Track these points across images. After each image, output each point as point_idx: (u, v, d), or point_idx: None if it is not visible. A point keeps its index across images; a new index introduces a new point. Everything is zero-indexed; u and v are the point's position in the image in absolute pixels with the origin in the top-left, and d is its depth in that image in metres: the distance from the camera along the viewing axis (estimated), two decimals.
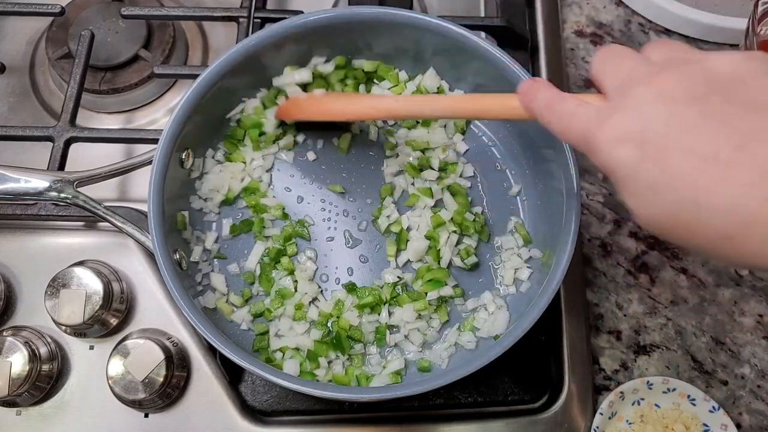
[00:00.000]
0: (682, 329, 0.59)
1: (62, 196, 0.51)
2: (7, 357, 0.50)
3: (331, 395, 0.45)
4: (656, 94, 0.32)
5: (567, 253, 0.47)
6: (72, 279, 0.52)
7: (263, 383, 0.54)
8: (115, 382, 0.50)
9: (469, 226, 0.54)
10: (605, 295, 0.60)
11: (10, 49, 0.69)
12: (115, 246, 0.57)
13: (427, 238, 0.54)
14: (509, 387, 0.55)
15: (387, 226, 0.55)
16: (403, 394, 0.45)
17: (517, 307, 0.53)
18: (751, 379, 0.57)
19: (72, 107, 0.60)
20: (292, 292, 0.53)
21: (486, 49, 0.52)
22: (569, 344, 0.56)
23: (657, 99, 0.31)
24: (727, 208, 0.29)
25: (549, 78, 0.66)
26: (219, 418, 0.53)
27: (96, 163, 0.54)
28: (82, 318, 0.51)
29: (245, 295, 0.53)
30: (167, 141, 0.50)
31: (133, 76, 0.66)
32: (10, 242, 0.56)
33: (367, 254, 0.55)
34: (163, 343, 0.52)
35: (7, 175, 0.50)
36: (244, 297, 0.53)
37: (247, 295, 0.54)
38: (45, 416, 0.53)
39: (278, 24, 0.53)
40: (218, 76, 0.52)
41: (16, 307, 0.55)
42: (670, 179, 0.30)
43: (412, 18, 0.54)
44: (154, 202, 0.48)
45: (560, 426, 0.54)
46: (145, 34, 0.67)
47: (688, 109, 0.30)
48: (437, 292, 0.52)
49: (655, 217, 0.32)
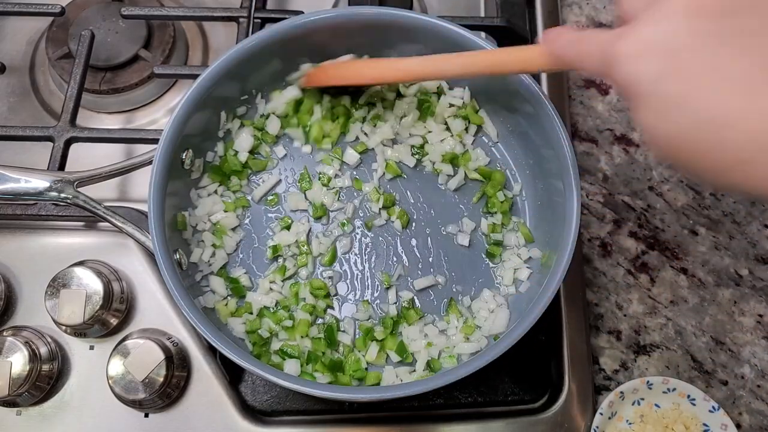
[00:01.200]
0: (682, 329, 0.59)
1: (62, 196, 0.51)
2: (7, 357, 0.50)
3: (331, 395, 0.45)
4: (684, 5, 0.30)
5: (567, 254, 0.47)
6: (72, 279, 0.52)
7: (263, 383, 0.55)
8: (115, 382, 0.50)
9: (496, 204, 0.55)
10: (605, 295, 0.60)
11: (11, 49, 0.70)
12: (115, 246, 0.57)
13: None
14: (509, 387, 0.55)
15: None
16: (403, 394, 0.45)
17: (517, 307, 0.53)
18: (750, 379, 0.57)
19: (72, 107, 0.60)
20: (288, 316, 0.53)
21: (485, 48, 0.52)
22: (569, 344, 0.56)
23: (685, 11, 0.29)
24: (751, 130, 0.27)
25: (548, 77, 0.66)
26: (219, 417, 0.53)
27: (96, 163, 0.55)
28: (82, 318, 0.51)
29: (240, 312, 0.53)
30: (168, 141, 0.50)
31: (133, 76, 0.66)
32: (10, 242, 0.57)
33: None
34: (163, 343, 0.52)
35: (7, 175, 0.50)
36: (240, 314, 0.53)
37: (243, 312, 0.53)
38: (45, 416, 0.53)
39: (279, 24, 0.53)
40: (219, 75, 0.52)
41: (16, 307, 0.55)
42: (693, 96, 0.29)
43: (413, 18, 0.54)
44: (154, 203, 0.48)
45: (560, 426, 0.54)
46: (145, 34, 0.67)
47: (719, 24, 0.29)
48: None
49: (669, 136, 0.30)
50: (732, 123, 0.28)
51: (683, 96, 0.29)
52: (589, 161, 0.65)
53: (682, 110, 0.29)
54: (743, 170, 0.29)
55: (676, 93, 0.29)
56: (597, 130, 0.66)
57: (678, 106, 0.29)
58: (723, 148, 0.29)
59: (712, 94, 0.28)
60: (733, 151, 0.28)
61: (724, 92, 0.28)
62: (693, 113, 0.29)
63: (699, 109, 0.29)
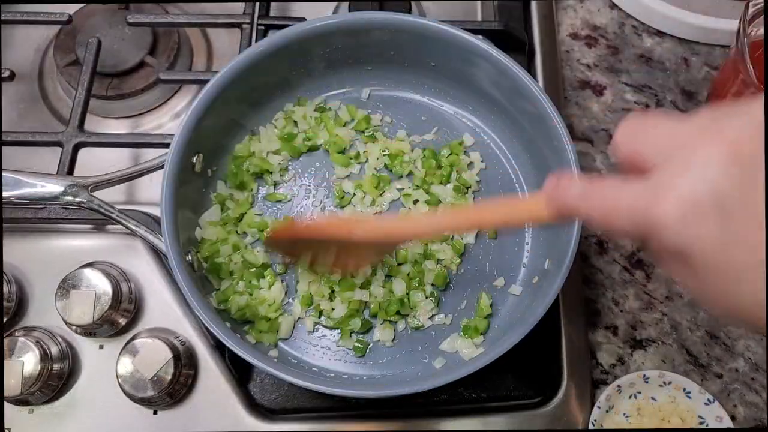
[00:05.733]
0: (677, 324, 0.60)
1: (77, 200, 0.52)
2: (19, 357, 0.51)
3: (341, 392, 0.46)
4: (728, 152, 0.25)
5: (569, 256, 0.48)
6: (82, 280, 0.53)
7: (272, 381, 0.55)
8: (124, 380, 0.51)
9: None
10: (602, 292, 0.61)
11: (20, 56, 0.71)
12: (124, 248, 0.58)
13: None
14: (511, 383, 0.56)
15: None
16: (410, 391, 0.46)
17: (518, 308, 0.55)
18: (745, 372, 0.58)
19: (80, 113, 0.61)
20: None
21: (489, 52, 0.53)
22: (567, 340, 0.57)
23: (731, 159, 0.25)
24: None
25: (545, 80, 0.67)
26: (227, 414, 0.54)
27: (102, 166, 0.56)
28: (91, 318, 0.52)
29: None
30: (179, 145, 0.51)
31: (139, 82, 0.68)
32: (21, 245, 0.58)
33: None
34: (171, 341, 0.53)
35: (23, 180, 0.51)
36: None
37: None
38: (56, 414, 0.54)
39: (284, 31, 0.55)
40: (230, 80, 0.53)
41: (27, 308, 0.56)
42: (761, 265, 0.25)
43: (416, 23, 0.55)
44: (167, 206, 0.49)
45: (559, 420, 0.55)
46: (151, 40, 0.68)
47: (758, 173, 0.24)
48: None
49: (745, 306, 0.26)
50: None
51: (753, 264, 0.25)
52: (585, 161, 0.66)
53: (752, 280, 0.25)
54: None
55: (745, 260, 0.25)
56: (592, 131, 0.68)
57: (748, 275, 0.25)
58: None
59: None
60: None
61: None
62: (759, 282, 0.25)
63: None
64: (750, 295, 0.26)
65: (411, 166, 0.59)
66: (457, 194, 0.58)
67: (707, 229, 0.25)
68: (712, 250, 0.26)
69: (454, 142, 0.60)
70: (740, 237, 0.25)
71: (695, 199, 0.26)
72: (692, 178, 0.26)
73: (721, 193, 0.25)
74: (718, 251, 0.26)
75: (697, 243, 0.26)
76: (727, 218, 0.25)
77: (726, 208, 0.25)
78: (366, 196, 0.58)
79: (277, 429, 0.54)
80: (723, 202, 0.25)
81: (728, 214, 0.25)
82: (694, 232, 0.26)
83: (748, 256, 0.25)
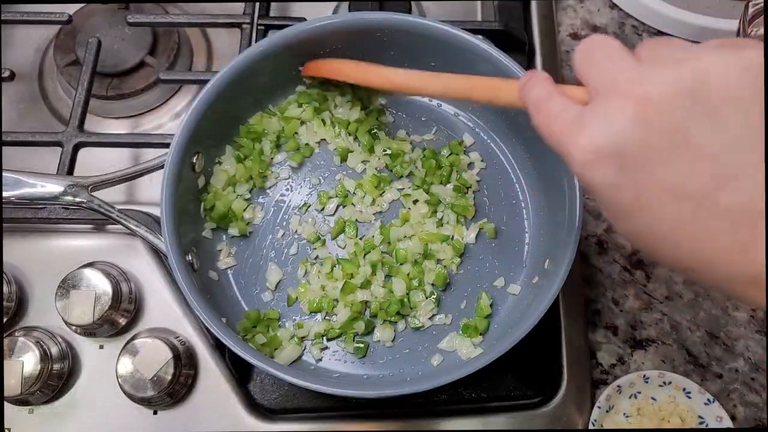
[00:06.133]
0: (677, 324, 0.60)
1: (77, 200, 0.52)
2: (19, 357, 0.51)
3: (341, 392, 0.46)
4: (633, 111, 0.29)
5: (569, 256, 0.48)
6: (81, 280, 0.53)
7: (272, 381, 0.55)
8: (124, 380, 0.51)
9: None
10: (602, 291, 0.61)
11: (20, 56, 0.71)
12: (123, 248, 0.58)
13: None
14: (511, 383, 0.56)
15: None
16: (410, 391, 0.46)
17: (517, 308, 0.55)
18: (744, 372, 0.58)
19: (80, 113, 0.61)
20: None
21: (489, 52, 0.53)
22: (567, 340, 0.57)
23: (634, 118, 0.29)
24: (690, 248, 0.29)
25: None
26: (226, 414, 0.54)
27: (102, 166, 0.56)
28: (91, 318, 0.52)
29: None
30: (179, 145, 0.51)
31: (139, 82, 0.68)
32: (21, 245, 0.58)
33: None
34: (171, 341, 0.53)
35: (24, 180, 0.51)
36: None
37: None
38: (56, 414, 0.54)
39: (284, 31, 0.55)
40: (229, 80, 0.53)
41: (27, 308, 0.56)
42: (643, 210, 0.30)
43: (417, 23, 0.55)
44: (167, 206, 0.49)
45: (559, 419, 0.55)
46: (151, 40, 0.68)
47: (667, 137, 0.28)
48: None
49: (631, 236, 0.32)
50: (675, 240, 0.30)
51: (636, 208, 0.30)
52: None
53: (637, 220, 0.31)
54: (695, 275, 0.31)
55: (630, 205, 0.30)
56: None
57: (633, 216, 0.31)
58: (671, 256, 0.31)
59: (660, 210, 0.30)
60: (680, 260, 0.30)
61: (670, 210, 0.29)
62: (645, 225, 0.30)
63: (650, 223, 0.30)
64: (632, 228, 0.31)
65: (411, 166, 0.59)
66: (457, 194, 0.58)
67: (601, 175, 0.30)
68: (601, 191, 0.31)
69: (454, 142, 0.60)
70: (626, 189, 0.30)
71: (597, 146, 0.30)
72: (602, 126, 0.30)
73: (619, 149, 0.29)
74: (606, 193, 0.30)
75: (592, 183, 0.31)
76: (619, 171, 0.29)
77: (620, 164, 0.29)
78: (366, 196, 0.58)
79: (277, 429, 0.54)
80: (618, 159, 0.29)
81: (621, 168, 0.29)
82: (591, 175, 0.30)
83: (631, 202, 0.30)
